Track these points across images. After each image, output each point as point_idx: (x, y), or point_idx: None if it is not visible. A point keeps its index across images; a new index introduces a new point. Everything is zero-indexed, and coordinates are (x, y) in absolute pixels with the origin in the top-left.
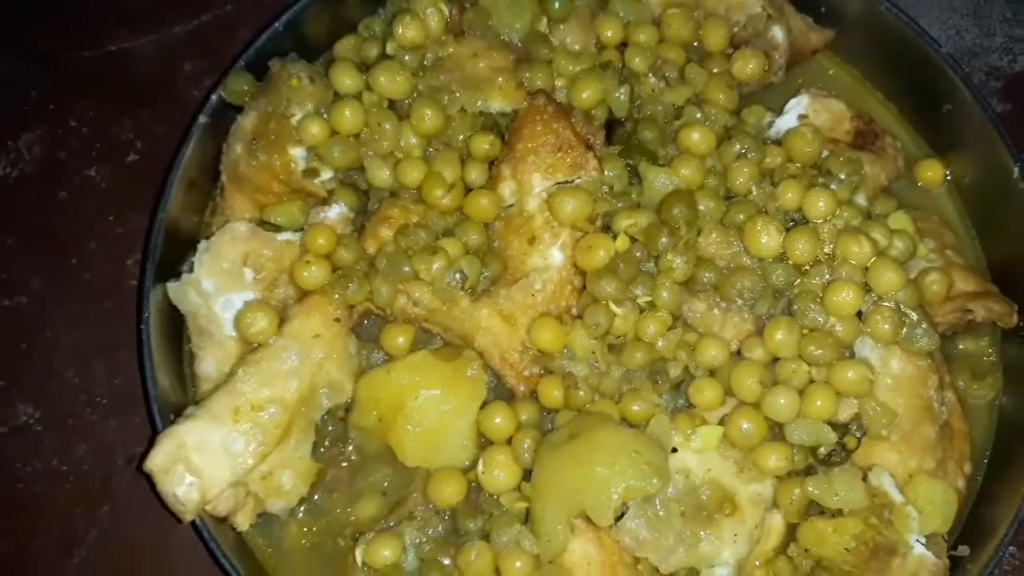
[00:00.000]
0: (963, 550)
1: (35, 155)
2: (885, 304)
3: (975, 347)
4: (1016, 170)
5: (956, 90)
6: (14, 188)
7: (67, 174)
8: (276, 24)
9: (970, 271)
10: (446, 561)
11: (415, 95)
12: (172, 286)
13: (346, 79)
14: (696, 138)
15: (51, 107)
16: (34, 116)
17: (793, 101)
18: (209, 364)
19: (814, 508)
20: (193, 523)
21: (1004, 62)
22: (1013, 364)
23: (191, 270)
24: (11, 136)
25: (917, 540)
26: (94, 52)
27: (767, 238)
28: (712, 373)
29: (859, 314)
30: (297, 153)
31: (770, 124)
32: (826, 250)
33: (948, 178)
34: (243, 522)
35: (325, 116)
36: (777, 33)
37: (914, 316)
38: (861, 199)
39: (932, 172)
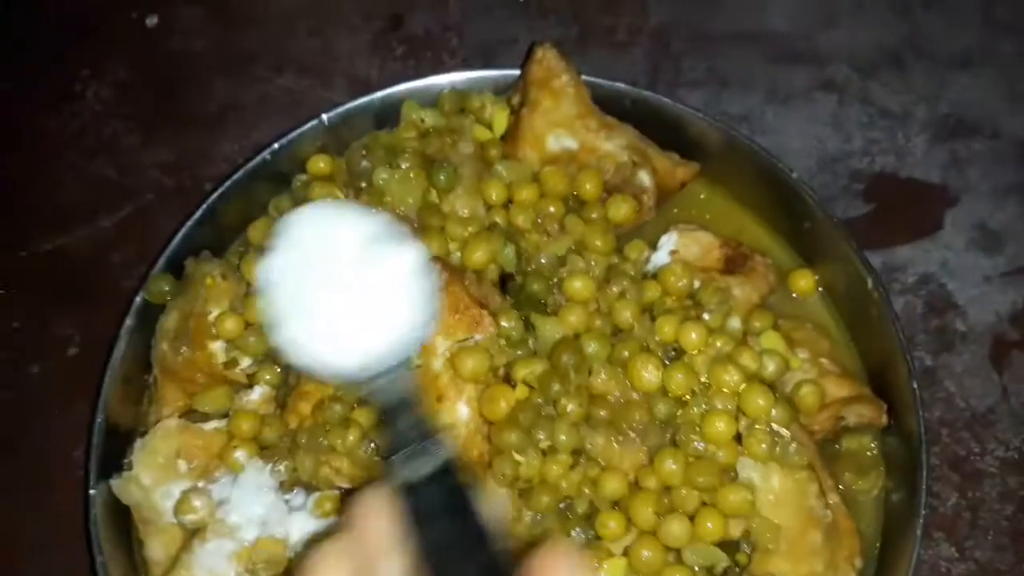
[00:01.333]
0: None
1: None
2: (758, 427)
3: (857, 445)
4: (870, 280)
5: (811, 209)
6: None
7: (10, 374)
8: (188, 222)
9: (843, 377)
10: None
11: None
12: (115, 483)
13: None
14: (578, 286)
15: None
16: None
17: (664, 237)
18: (157, 549)
19: None
20: None
21: (864, 164)
22: (893, 457)
23: (130, 468)
24: None
25: None
26: (30, 252)
27: (647, 374)
28: (615, 505)
29: (739, 437)
30: (217, 346)
31: (647, 260)
32: (703, 380)
33: (819, 287)
34: None
35: (239, 311)
36: (644, 177)
37: (786, 434)
38: (735, 323)
39: (804, 282)
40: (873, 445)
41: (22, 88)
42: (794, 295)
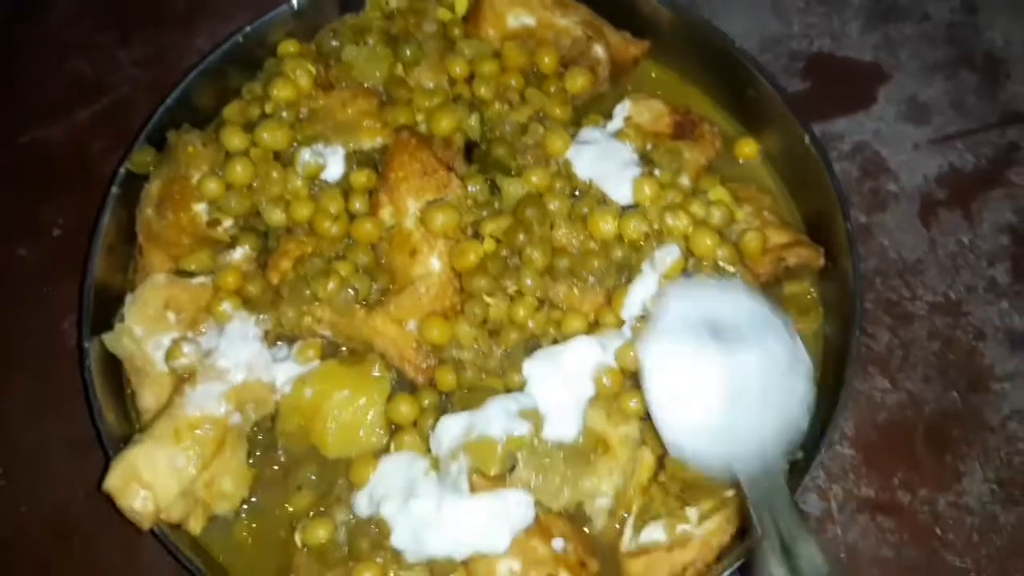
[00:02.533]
0: (798, 455)
1: None
2: (705, 263)
3: (798, 288)
4: (807, 137)
5: (753, 77)
6: None
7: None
8: (168, 100)
9: (783, 226)
10: (373, 529)
11: (295, 145)
12: (107, 336)
13: (234, 139)
14: (559, 144)
15: None
16: None
17: (618, 107)
18: (148, 398)
19: None
20: (152, 531)
21: (803, 46)
22: (830, 300)
23: (122, 320)
24: None
25: None
26: (9, 145)
27: (605, 224)
28: None
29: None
30: (200, 208)
31: (603, 127)
32: (655, 227)
33: (761, 152)
34: (195, 526)
35: (220, 173)
36: (598, 51)
37: (731, 269)
38: (685, 180)
39: (748, 148)
40: (812, 290)
41: None
42: (740, 161)
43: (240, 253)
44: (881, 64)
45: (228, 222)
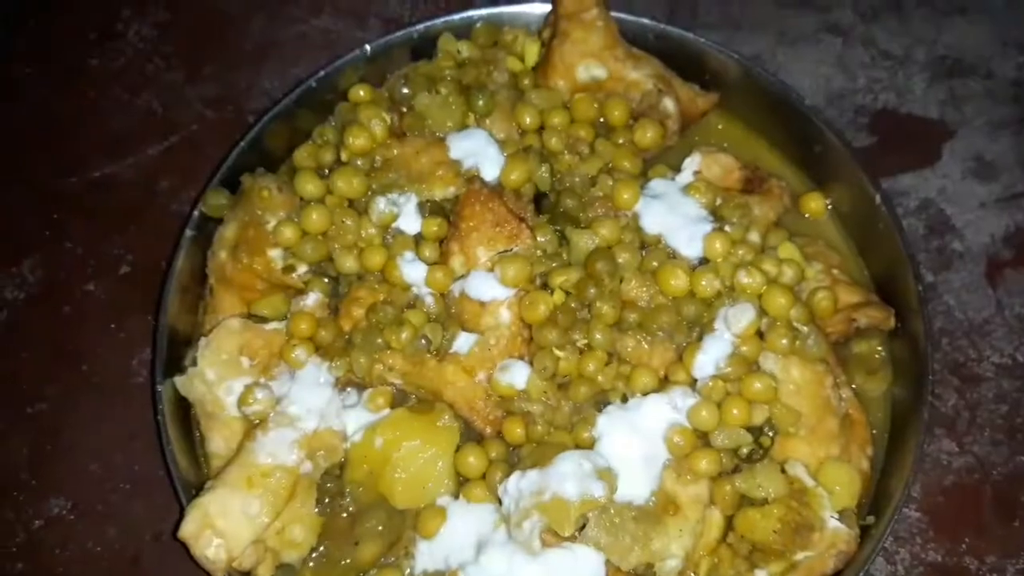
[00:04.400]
0: (870, 519)
1: (37, 277)
2: (779, 323)
3: (867, 348)
4: (877, 196)
5: (821, 133)
6: (23, 309)
7: (68, 291)
8: (242, 143)
9: (853, 285)
10: None
11: (370, 192)
12: (180, 380)
13: (308, 186)
14: (626, 197)
15: (47, 232)
16: (33, 241)
17: (688, 160)
18: (219, 443)
19: (745, 501)
20: None
21: (867, 101)
22: (899, 359)
23: (194, 364)
24: (15, 263)
25: (831, 516)
26: (80, 178)
27: (676, 279)
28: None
29: (761, 334)
30: (275, 254)
31: (672, 180)
32: (727, 284)
33: (829, 207)
34: (264, 573)
35: (296, 220)
36: (668, 104)
37: (805, 329)
38: (754, 236)
39: (815, 204)
40: (880, 349)
41: (67, 29)
42: (806, 216)
43: (313, 299)
44: (946, 120)
45: (302, 268)
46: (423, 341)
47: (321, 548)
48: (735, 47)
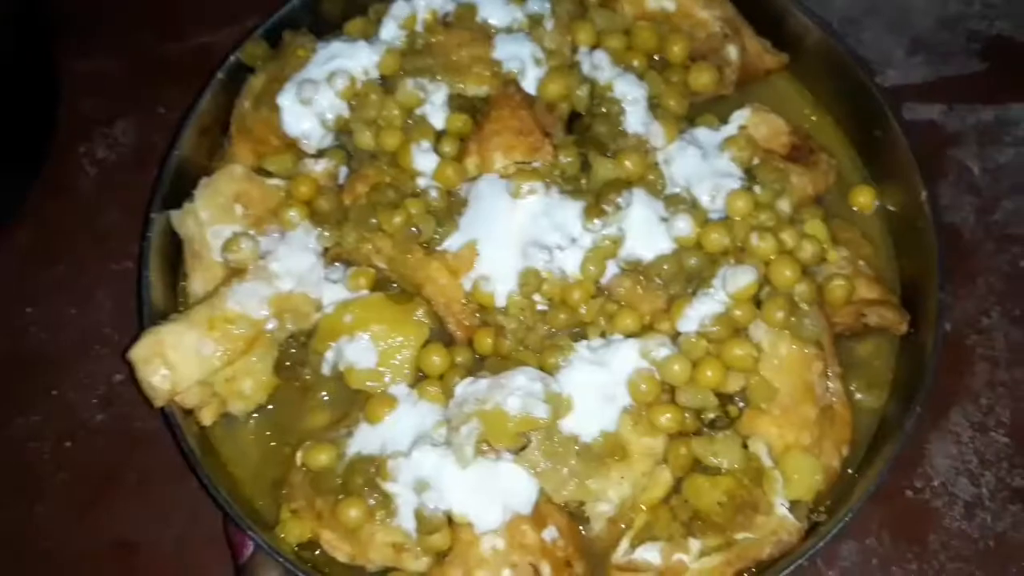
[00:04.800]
0: (821, 517)
1: (129, 139)
2: (779, 295)
3: (874, 350)
4: (923, 193)
5: (884, 116)
6: (113, 169)
7: (157, 154)
8: (294, 1)
9: (876, 281)
10: (371, 470)
11: (401, 73)
12: (174, 213)
13: None
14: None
15: (142, 96)
16: (128, 104)
17: (737, 113)
18: (198, 284)
19: (699, 467)
20: (162, 411)
21: (982, 26)
22: (902, 380)
23: (192, 201)
24: (108, 123)
25: (781, 503)
26: (178, 46)
27: (683, 224)
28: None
29: (760, 304)
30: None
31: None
32: (738, 244)
33: (877, 204)
34: (206, 417)
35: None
36: (731, 51)
37: (805, 307)
38: (784, 205)
39: (863, 197)
40: (886, 364)
41: None
42: (853, 208)
43: (322, 166)
44: None
45: (320, 133)
46: (414, 230)
47: (269, 407)
48: None
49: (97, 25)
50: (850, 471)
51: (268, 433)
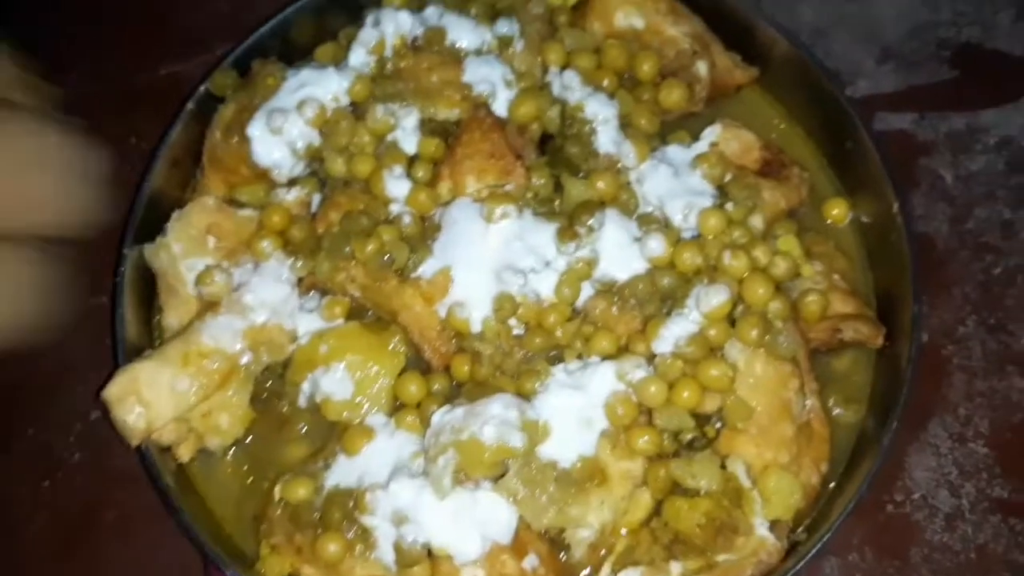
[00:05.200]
0: (801, 536)
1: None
2: (753, 313)
3: (851, 365)
4: (895, 205)
5: (856, 129)
6: None
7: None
8: (262, 28)
9: (851, 295)
10: (350, 503)
11: (372, 99)
12: (147, 247)
13: None
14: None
15: (113, 126)
16: (98, 135)
17: (708, 129)
18: (172, 317)
19: (678, 488)
20: (139, 450)
21: (951, 34)
22: (880, 387)
23: (164, 234)
24: None
25: (761, 523)
26: (148, 75)
27: (656, 246)
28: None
29: (734, 322)
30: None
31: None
32: (711, 263)
33: (851, 217)
34: (184, 453)
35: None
36: (701, 68)
37: (779, 324)
38: (757, 221)
39: (838, 210)
40: (863, 378)
41: None
42: (827, 221)
43: (294, 194)
44: None
45: (291, 162)
46: (387, 258)
47: (247, 441)
48: None
49: (66, 55)
50: (831, 485)
51: (246, 468)
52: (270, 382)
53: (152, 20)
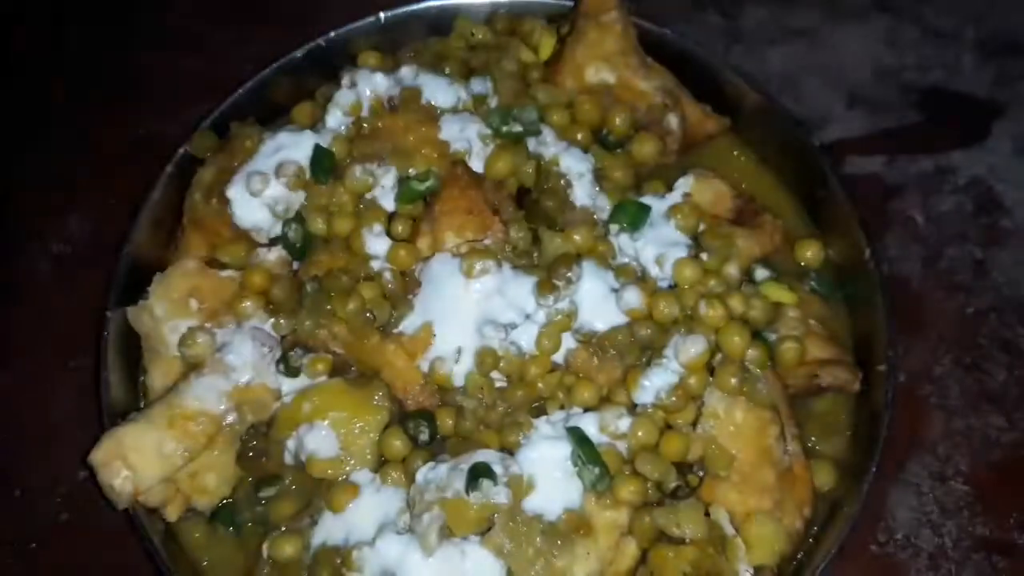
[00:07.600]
0: None
1: (84, 230)
2: (731, 362)
3: (830, 406)
4: (867, 251)
5: (826, 177)
6: (69, 263)
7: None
8: (240, 90)
9: (827, 341)
10: (337, 560)
11: (349, 160)
12: (130, 311)
13: None
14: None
15: (94, 187)
16: (79, 195)
17: (681, 180)
18: (157, 379)
19: (663, 537)
20: (127, 512)
21: (916, 77)
22: (860, 428)
23: (147, 297)
24: (60, 216)
25: (746, 570)
26: (125, 134)
27: (632, 298)
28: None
29: (712, 370)
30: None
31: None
32: (687, 313)
33: (824, 257)
34: (172, 513)
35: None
36: (672, 121)
37: (757, 373)
38: (732, 269)
39: (811, 252)
40: (843, 416)
41: None
42: (801, 264)
43: (275, 254)
44: (996, 99)
45: (271, 223)
46: (369, 315)
47: (233, 500)
48: (785, 21)
49: (44, 117)
50: (815, 528)
51: (233, 527)
52: (255, 441)
53: (128, 81)
